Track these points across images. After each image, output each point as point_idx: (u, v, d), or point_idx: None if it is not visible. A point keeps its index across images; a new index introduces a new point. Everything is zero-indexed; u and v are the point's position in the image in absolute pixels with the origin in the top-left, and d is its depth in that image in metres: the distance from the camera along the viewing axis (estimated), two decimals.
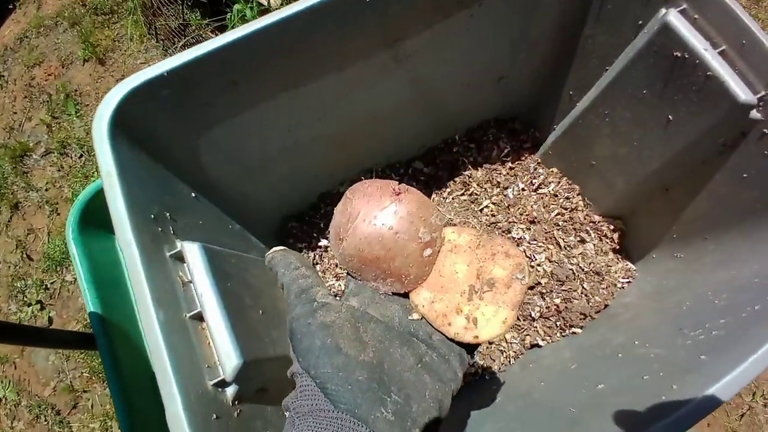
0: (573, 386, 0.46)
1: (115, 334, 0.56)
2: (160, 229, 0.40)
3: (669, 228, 0.60)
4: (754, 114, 0.44)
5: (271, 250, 0.39)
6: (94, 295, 0.57)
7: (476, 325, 0.33)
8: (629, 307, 0.59)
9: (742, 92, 0.42)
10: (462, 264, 0.36)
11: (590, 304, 0.61)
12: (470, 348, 0.36)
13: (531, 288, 0.65)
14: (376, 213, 0.34)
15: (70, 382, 1.11)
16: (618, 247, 0.68)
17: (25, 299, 1.20)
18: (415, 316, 0.35)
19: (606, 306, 0.62)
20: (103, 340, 0.55)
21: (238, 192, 0.59)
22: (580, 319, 0.60)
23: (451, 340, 0.34)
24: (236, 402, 0.37)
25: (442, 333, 0.34)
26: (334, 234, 0.36)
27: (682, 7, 0.45)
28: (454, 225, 0.39)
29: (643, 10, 0.49)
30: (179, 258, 0.40)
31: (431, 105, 0.66)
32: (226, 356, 0.35)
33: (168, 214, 0.42)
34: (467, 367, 0.36)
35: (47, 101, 1.44)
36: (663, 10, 0.46)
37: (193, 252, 0.38)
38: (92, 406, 1.09)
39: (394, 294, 0.36)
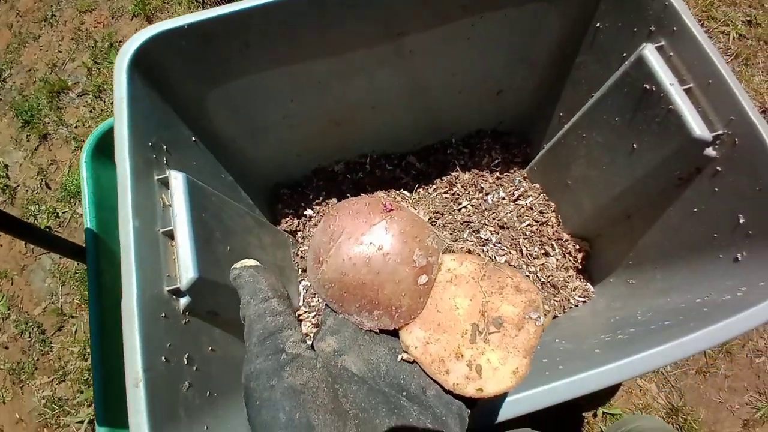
0: None
1: (104, 252, 0.62)
2: (154, 156, 0.46)
3: (627, 254, 0.64)
4: (709, 151, 0.47)
5: (239, 264, 0.32)
6: (92, 214, 0.64)
7: (480, 375, 0.27)
8: (573, 320, 0.63)
9: (698, 128, 0.45)
10: (463, 298, 0.30)
11: None
12: (471, 402, 0.29)
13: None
14: (364, 230, 0.29)
15: (61, 305, 1.19)
16: (581, 267, 0.71)
17: (36, 222, 1.29)
18: (405, 356, 0.29)
19: (554, 317, 0.66)
20: (92, 255, 0.61)
21: (237, 148, 0.65)
22: None
23: (449, 392, 0.28)
24: (187, 313, 0.42)
25: (437, 383, 0.28)
26: (312, 256, 0.31)
27: (660, 44, 0.49)
28: (454, 252, 0.34)
29: (628, 42, 0.53)
30: (165, 184, 0.45)
31: (428, 105, 0.71)
32: (185, 268, 0.40)
33: (165, 146, 0.48)
34: (466, 426, 0.29)
35: (92, 47, 1.54)
36: (643, 45, 0.50)
37: (177, 179, 0.44)
38: (76, 332, 1.16)
39: (381, 332, 0.30)
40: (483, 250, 0.67)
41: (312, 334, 0.60)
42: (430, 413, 0.27)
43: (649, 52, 0.49)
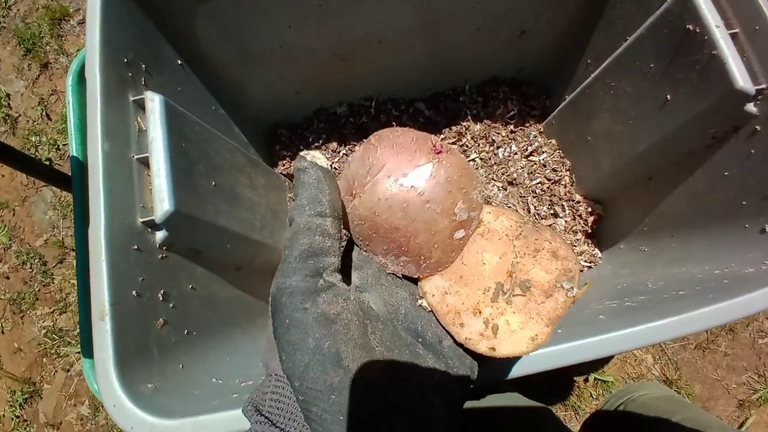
0: None
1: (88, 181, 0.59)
2: (130, 74, 0.41)
3: (642, 220, 0.59)
4: (750, 107, 0.42)
5: (308, 156, 0.27)
6: (78, 142, 0.60)
7: (495, 335, 0.26)
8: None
9: (741, 78, 0.40)
10: (492, 254, 0.28)
11: None
12: (481, 359, 0.28)
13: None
14: (407, 171, 0.26)
15: (62, 238, 1.19)
16: (590, 231, 0.67)
17: (36, 154, 1.27)
18: (423, 303, 0.28)
19: None
20: (77, 183, 0.59)
21: (230, 78, 0.60)
22: None
23: (460, 345, 0.27)
24: (164, 248, 0.39)
25: (450, 335, 0.27)
26: (345, 186, 0.29)
27: None
28: (492, 206, 0.31)
29: None
30: (142, 107, 0.41)
31: (441, 43, 0.65)
32: (160, 200, 0.37)
33: (144, 65, 0.43)
34: (472, 384, 0.28)
35: None
36: None
37: (154, 101, 0.40)
38: (76, 264, 1.17)
39: (404, 277, 0.29)
40: None
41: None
42: (444, 363, 0.26)
43: None
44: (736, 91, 0.40)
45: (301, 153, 0.28)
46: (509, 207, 0.65)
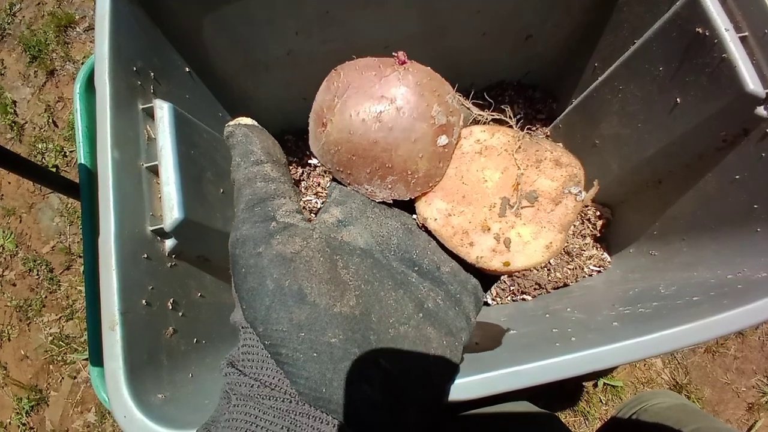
0: None
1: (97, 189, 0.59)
2: (139, 83, 0.41)
3: (652, 224, 0.59)
4: (760, 111, 0.41)
5: (233, 122, 0.28)
6: (86, 150, 0.61)
7: (509, 248, 0.25)
8: (586, 289, 0.59)
9: (751, 81, 0.39)
10: (494, 171, 0.27)
11: (549, 277, 0.61)
12: (489, 280, 0.27)
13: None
14: (374, 83, 0.25)
15: (69, 245, 1.19)
16: (599, 234, 0.67)
17: (43, 161, 1.28)
18: (428, 219, 0.27)
19: (565, 285, 0.62)
20: (85, 191, 0.59)
21: (237, 85, 0.60)
22: (534, 289, 0.60)
23: (470, 268, 0.26)
24: (173, 256, 0.39)
25: (456, 260, 0.26)
26: (314, 120, 0.27)
27: None
28: (485, 124, 0.29)
29: None
30: (150, 114, 0.41)
31: (446, 47, 0.65)
32: (169, 208, 0.37)
33: (152, 73, 0.43)
34: (480, 309, 0.27)
35: None
36: None
37: (163, 109, 0.40)
38: (84, 271, 1.18)
39: (395, 203, 0.28)
40: None
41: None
42: (443, 290, 0.25)
43: None
44: (746, 94, 0.40)
45: (226, 124, 0.28)
46: None
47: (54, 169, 1.27)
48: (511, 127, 0.30)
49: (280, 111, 0.70)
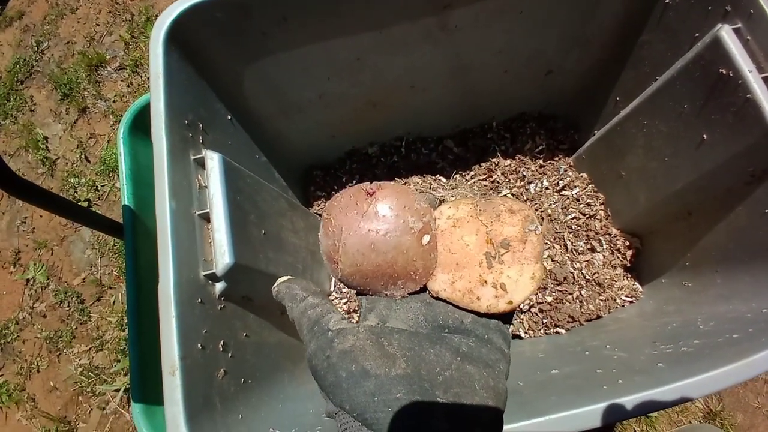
0: (532, 368, 0.48)
1: (140, 229, 0.62)
2: (190, 135, 0.44)
3: (684, 255, 0.59)
4: None
5: (276, 282, 0.36)
6: (130, 192, 0.64)
7: (506, 290, 0.31)
8: (621, 321, 0.59)
9: None
10: (470, 235, 0.33)
11: (582, 310, 0.61)
12: (506, 318, 0.33)
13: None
14: (359, 222, 0.32)
15: (99, 276, 1.22)
16: (629, 264, 0.67)
17: (75, 195, 1.33)
18: (439, 291, 0.33)
19: (599, 317, 0.62)
20: (129, 232, 0.62)
21: (272, 127, 0.63)
22: (567, 322, 0.60)
23: (485, 315, 0.32)
24: (222, 298, 0.41)
25: (473, 312, 0.32)
26: (327, 260, 0.35)
27: (737, 26, 0.44)
28: (448, 201, 0.35)
29: (702, 22, 0.47)
30: (201, 164, 0.44)
31: (470, 85, 0.67)
32: (221, 253, 0.39)
33: (201, 125, 0.46)
34: (510, 339, 0.33)
35: (129, 20, 1.54)
36: (719, 25, 0.45)
37: (213, 159, 0.42)
38: (114, 302, 1.20)
39: (411, 295, 0.34)
40: None
41: (348, 317, 0.62)
42: (471, 336, 0.31)
43: (726, 33, 0.43)
44: None
45: (272, 287, 0.35)
46: (546, 244, 0.65)
47: (86, 203, 1.32)
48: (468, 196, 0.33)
49: (309, 148, 0.73)
